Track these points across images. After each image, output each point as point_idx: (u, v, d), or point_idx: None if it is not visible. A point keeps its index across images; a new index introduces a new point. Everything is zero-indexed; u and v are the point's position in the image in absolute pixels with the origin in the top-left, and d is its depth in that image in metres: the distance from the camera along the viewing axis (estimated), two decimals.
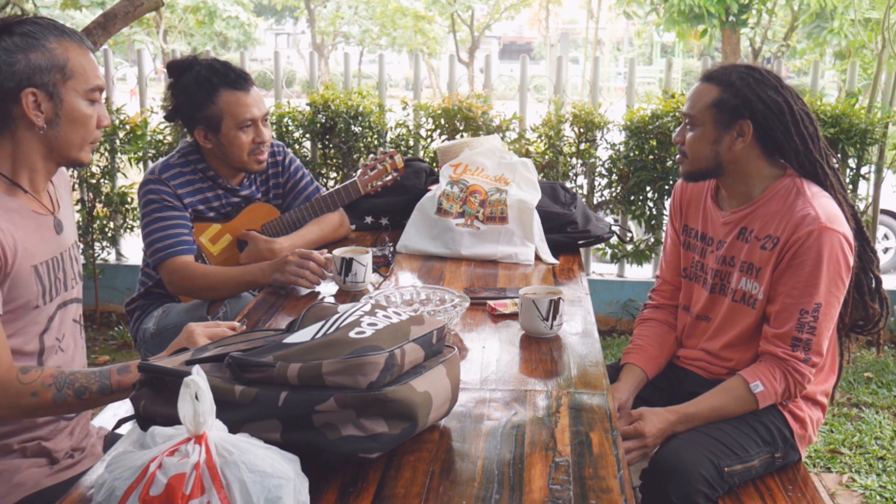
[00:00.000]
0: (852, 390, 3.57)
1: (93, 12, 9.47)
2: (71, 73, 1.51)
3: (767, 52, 12.66)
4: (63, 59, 1.50)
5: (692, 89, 1.98)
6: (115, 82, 4.42)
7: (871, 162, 4.00)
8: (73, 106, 1.52)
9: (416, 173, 2.82)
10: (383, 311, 1.33)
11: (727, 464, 1.82)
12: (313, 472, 1.14)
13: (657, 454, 1.86)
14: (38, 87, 1.48)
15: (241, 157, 2.38)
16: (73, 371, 1.46)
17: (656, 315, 2.21)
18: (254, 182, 2.55)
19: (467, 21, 16.00)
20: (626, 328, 4.30)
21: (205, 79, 2.35)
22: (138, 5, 3.80)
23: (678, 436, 1.87)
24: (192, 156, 2.44)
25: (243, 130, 2.36)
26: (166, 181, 2.36)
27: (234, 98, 2.34)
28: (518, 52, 24.07)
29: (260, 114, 2.38)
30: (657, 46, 22.87)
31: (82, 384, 1.44)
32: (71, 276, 1.64)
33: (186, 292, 2.39)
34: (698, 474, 1.76)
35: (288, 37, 28.83)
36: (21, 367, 1.43)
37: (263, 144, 2.40)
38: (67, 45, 1.51)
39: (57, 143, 1.54)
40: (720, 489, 1.81)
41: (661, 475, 1.79)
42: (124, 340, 4.08)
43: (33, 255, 1.51)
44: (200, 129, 2.37)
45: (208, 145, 2.39)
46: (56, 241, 1.59)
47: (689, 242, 2.13)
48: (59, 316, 1.60)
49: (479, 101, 4.01)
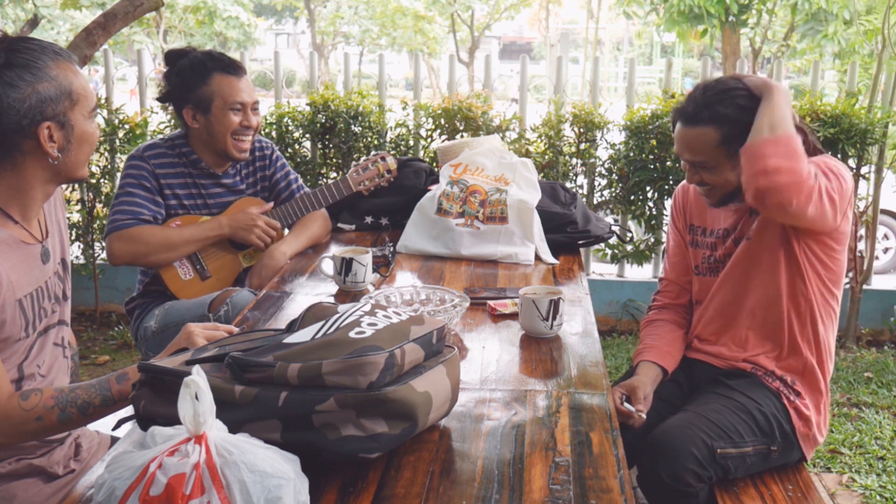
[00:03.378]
0: (852, 390, 3.57)
1: (93, 12, 9.46)
2: (77, 98, 1.47)
3: (767, 52, 12.65)
4: (67, 84, 1.46)
5: (687, 137, 1.94)
6: (115, 82, 4.41)
7: (871, 162, 4.00)
8: (82, 129, 1.50)
9: (416, 173, 2.82)
10: (383, 311, 1.33)
11: (720, 445, 1.82)
12: (313, 472, 1.14)
13: (653, 433, 1.86)
14: (51, 119, 1.44)
15: (224, 138, 2.42)
16: (73, 388, 1.43)
17: (663, 315, 2.20)
18: (239, 172, 2.57)
19: (467, 21, 15.99)
20: (626, 328, 4.30)
21: (200, 62, 2.42)
22: (138, 5, 3.79)
23: (675, 416, 1.88)
24: (177, 139, 2.49)
25: (233, 111, 2.40)
26: (147, 159, 2.42)
27: (226, 81, 2.40)
28: (518, 52, 24.06)
29: (250, 100, 2.44)
30: (657, 46, 22.87)
31: (85, 400, 1.42)
32: (52, 302, 1.58)
33: (140, 258, 2.38)
34: (689, 452, 1.77)
35: (288, 37, 28.82)
36: (20, 394, 1.40)
37: (250, 129, 2.45)
38: (66, 68, 1.47)
39: (66, 168, 1.50)
40: (712, 470, 1.81)
41: (654, 452, 1.80)
42: (124, 340, 4.08)
43: (19, 288, 1.46)
44: (189, 108, 2.42)
45: (195, 125, 2.43)
46: (41, 270, 1.54)
47: (697, 240, 2.15)
48: (39, 343, 1.55)
49: (479, 100, 4.01)
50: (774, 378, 1.99)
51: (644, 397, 1.94)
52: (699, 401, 1.95)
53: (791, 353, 2.00)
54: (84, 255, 4.29)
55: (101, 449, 1.74)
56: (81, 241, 4.26)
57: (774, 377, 1.99)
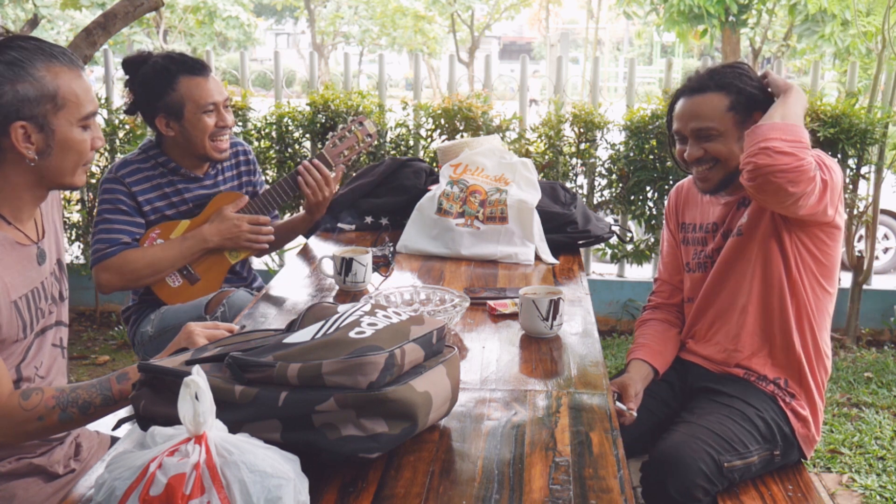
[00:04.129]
0: (852, 390, 3.57)
1: (93, 12, 9.44)
2: (63, 103, 1.44)
3: (767, 52, 12.65)
4: (53, 87, 1.42)
5: (693, 104, 1.95)
6: (115, 82, 4.41)
7: (871, 162, 4.00)
8: (66, 136, 1.46)
9: (416, 173, 2.82)
10: (383, 311, 1.32)
11: (727, 459, 1.82)
12: (313, 472, 1.14)
13: (658, 447, 1.86)
14: (28, 119, 1.41)
15: (202, 141, 2.38)
16: (74, 388, 1.43)
17: (656, 315, 2.23)
18: (221, 173, 2.54)
19: (467, 21, 16.00)
20: (626, 328, 4.30)
21: (162, 67, 2.35)
22: (138, 5, 3.79)
23: (679, 430, 1.88)
24: (152, 150, 2.44)
25: (206, 114, 2.36)
26: (121, 179, 2.37)
27: (193, 83, 2.35)
28: (518, 52, 24.08)
29: (221, 98, 2.39)
30: (657, 46, 22.88)
31: (86, 400, 1.41)
32: (49, 303, 1.58)
33: (129, 284, 2.37)
34: (698, 468, 1.77)
35: (288, 37, 28.82)
36: (21, 393, 1.39)
37: (227, 129, 2.41)
38: (57, 71, 1.43)
39: (48, 172, 1.47)
40: (719, 484, 1.82)
41: (661, 469, 1.80)
42: (124, 340, 4.08)
43: (13, 289, 1.45)
44: (161, 117, 2.37)
45: (170, 133, 2.38)
46: (37, 271, 1.53)
47: (688, 238, 2.15)
48: (37, 344, 1.55)
49: (479, 100, 4.01)
50: (768, 382, 1.99)
51: (635, 395, 1.98)
52: (699, 410, 1.94)
53: (783, 351, 1.99)
54: (84, 256, 4.29)
55: (101, 449, 1.74)
56: (81, 241, 4.27)
57: (768, 381, 1.99)
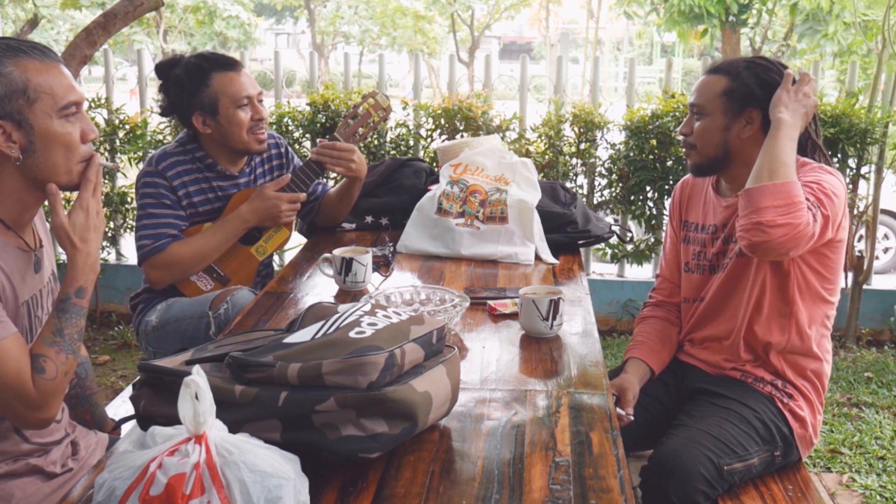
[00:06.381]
0: (852, 390, 3.57)
1: (93, 12, 9.45)
2: (36, 96, 1.40)
3: (767, 52, 12.66)
4: (22, 81, 1.38)
5: (699, 81, 2.02)
6: (115, 82, 4.41)
7: (871, 162, 4.00)
8: (46, 129, 1.41)
9: (416, 173, 2.82)
10: (383, 311, 1.33)
11: (727, 462, 1.82)
12: (313, 472, 1.14)
13: (657, 452, 1.86)
14: (5, 117, 1.38)
15: (241, 135, 2.38)
16: (58, 330, 1.44)
17: (656, 313, 2.23)
18: (254, 171, 2.54)
19: (467, 21, 16.00)
20: (626, 328, 4.30)
21: (195, 66, 2.37)
22: (138, 5, 3.79)
23: (678, 434, 1.88)
24: (189, 144, 2.44)
25: (241, 108, 2.37)
26: (163, 172, 2.37)
27: (227, 78, 2.36)
28: (518, 52, 24.07)
29: (255, 92, 2.40)
30: (657, 46, 22.87)
31: (77, 330, 1.45)
32: (46, 312, 1.58)
33: (179, 276, 2.38)
34: (698, 473, 1.77)
35: (288, 37, 28.82)
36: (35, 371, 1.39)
37: (262, 121, 2.42)
38: (26, 65, 1.39)
39: (39, 171, 1.44)
40: (720, 487, 1.82)
41: (661, 474, 1.79)
42: (124, 340, 4.08)
43: (20, 292, 1.46)
44: (198, 114, 2.38)
45: (207, 130, 2.39)
46: (35, 279, 1.53)
47: (689, 236, 2.15)
48: None
49: (479, 100, 4.01)
50: (765, 383, 1.99)
51: (633, 397, 2.00)
52: (697, 414, 1.94)
53: (783, 357, 1.99)
54: None
55: (99, 448, 1.74)
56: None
57: (765, 382, 1.99)
